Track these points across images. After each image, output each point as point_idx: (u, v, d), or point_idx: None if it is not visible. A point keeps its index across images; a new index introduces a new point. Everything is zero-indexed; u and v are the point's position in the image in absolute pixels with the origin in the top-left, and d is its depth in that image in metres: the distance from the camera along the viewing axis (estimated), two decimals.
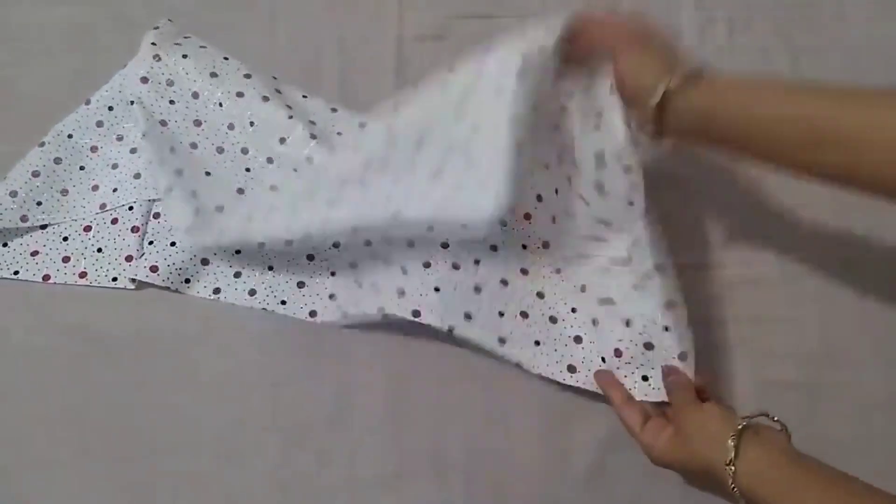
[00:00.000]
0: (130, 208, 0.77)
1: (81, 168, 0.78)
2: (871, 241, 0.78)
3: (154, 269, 0.74)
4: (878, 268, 0.77)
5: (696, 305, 0.69)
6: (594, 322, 0.70)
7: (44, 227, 0.77)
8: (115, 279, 0.75)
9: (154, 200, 0.77)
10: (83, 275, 0.75)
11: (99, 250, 0.76)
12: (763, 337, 0.67)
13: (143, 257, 0.75)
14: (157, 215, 0.76)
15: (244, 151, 0.78)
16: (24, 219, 0.76)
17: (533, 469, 0.69)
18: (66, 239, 0.76)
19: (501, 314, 0.71)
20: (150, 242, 0.75)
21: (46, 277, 0.75)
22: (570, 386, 0.70)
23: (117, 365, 0.72)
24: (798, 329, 0.74)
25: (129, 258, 0.75)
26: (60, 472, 0.68)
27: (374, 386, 0.72)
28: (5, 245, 0.76)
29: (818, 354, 0.73)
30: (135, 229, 0.76)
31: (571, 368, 0.70)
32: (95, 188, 0.78)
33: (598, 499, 0.68)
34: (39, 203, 0.76)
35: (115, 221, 0.77)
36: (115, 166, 0.79)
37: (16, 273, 0.75)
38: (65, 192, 0.78)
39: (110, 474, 0.68)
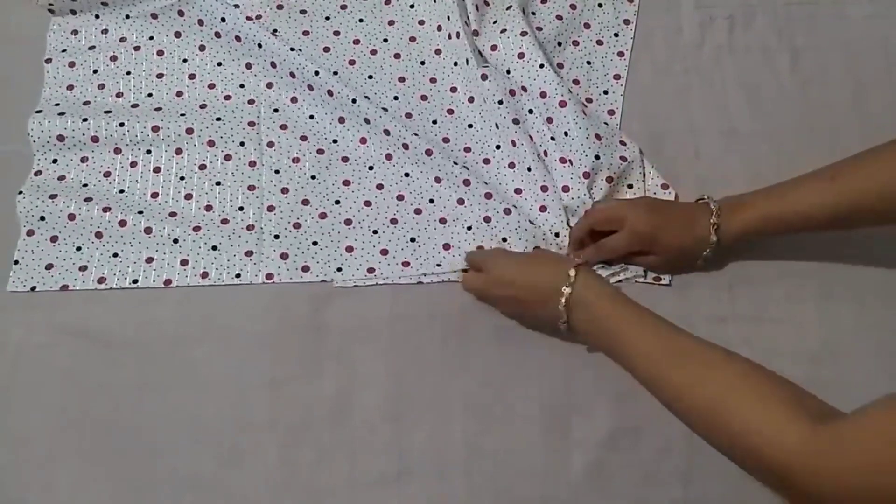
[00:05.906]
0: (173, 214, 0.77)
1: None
2: (871, 241, 0.78)
3: (306, 268, 0.76)
4: (878, 268, 0.77)
5: (697, 304, 0.69)
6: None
7: (53, 239, 0.76)
8: (135, 281, 0.75)
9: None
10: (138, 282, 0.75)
11: (115, 255, 0.75)
12: (763, 336, 0.67)
13: (287, 264, 0.76)
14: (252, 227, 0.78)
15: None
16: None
17: (533, 468, 0.69)
18: (79, 249, 0.76)
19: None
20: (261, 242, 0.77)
21: (64, 287, 0.74)
22: (570, 385, 0.71)
23: (117, 365, 0.72)
24: (798, 329, 0.74)
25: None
26: (60, 472, 0.68)
27: (374, 386, 0.72)
28: (17, 263, 0.75)
29: (818, 354, 0.73)
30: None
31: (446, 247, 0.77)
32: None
33: (598, 499, 0.68)
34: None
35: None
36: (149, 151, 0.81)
37: (33, 288, 0.74)
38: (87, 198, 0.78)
39: (110, 474, 0.68)
